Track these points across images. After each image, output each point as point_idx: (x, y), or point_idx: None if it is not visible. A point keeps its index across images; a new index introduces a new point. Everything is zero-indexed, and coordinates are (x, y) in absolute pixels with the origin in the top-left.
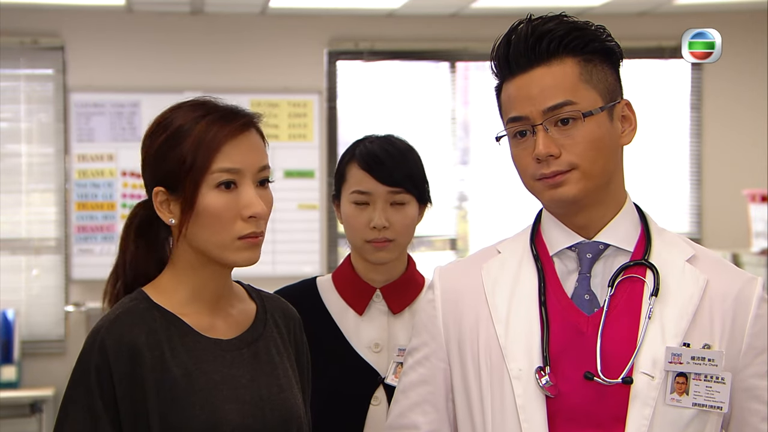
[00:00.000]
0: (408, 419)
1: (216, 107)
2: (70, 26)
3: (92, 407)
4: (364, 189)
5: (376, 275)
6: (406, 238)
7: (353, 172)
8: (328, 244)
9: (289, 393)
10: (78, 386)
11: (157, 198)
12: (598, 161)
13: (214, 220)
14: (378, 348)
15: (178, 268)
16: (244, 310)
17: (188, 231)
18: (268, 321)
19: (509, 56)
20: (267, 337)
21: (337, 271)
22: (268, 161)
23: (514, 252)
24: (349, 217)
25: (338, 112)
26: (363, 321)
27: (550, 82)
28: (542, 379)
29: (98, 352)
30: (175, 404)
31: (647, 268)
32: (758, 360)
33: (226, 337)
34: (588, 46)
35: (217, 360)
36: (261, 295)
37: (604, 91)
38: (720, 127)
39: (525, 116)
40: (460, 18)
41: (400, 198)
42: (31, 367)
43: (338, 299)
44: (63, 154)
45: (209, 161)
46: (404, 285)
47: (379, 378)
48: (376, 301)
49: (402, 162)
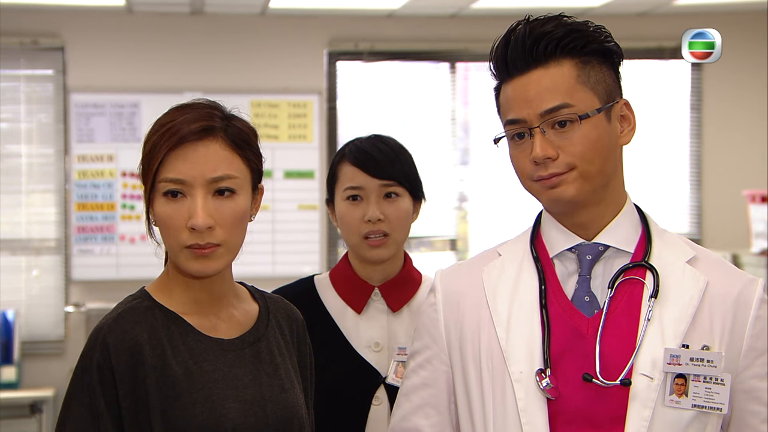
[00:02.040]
0: (410, 422)
1: (185, 113)
2: (70, 27)
3: (94, 405)
4: (356, 184)
5: (374, 273)
6: (402, 233)
7: (344, 170)
8: (328, 245)
9: (290, 393)
10: (80, 384)
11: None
12: (595, 162)
13: (163, 226)
14: (378, 347)
15: (171, 268)
16: (246, 311)
17: (154, 235)
18: (270, 322)
19: (507, 58)
20: (269, 337)
21: (335, 270)
22: (232, 171)
23: (515, 254)
24: (344, 215)
25: (338, 112)
26: (362, 320)
27: (547, 85)
28: (543, 381)
29: (100, 350)
30: (177, 402)
31: (647, 270)
32: (758, 361)
33: (227, 337)
34: (586, 48)
35: (218, 359)
36: (264, 296)
37: (602, 92)
38: (720, 127)
39: (522, 119)
40: (459, 18)
41: (393, 190)
42: (31, 367)
43: (336, 298)
44: (63, 154)
45: (156, 170)
46: (402, 282)
47: (380, 378)
48: (375, 300)
49: (393, 157)
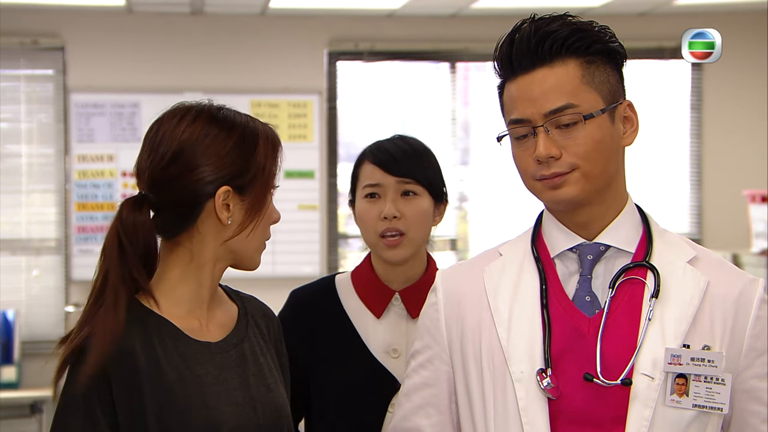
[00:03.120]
0: (411, 422)
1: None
2: (70, 27)
3: (91, 415)
4: (374, 182)
5: (395, 276)
6: (419, 233)
7: (364, 169)
8: (328, 245)
9: (276, 393)
10: (74, 394)
11: (221, 198)
12: (598, 162)
13: (268, 224)
14: (396, 354)
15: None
16: (228, 312)
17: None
18: (249, 322)
19: (512, 56)
20: (250, 338)
21: (357, 270)
22: None
23: (516, 254)
24: (362, 213)
25: (338, 112)
26: (381, 324)
27: (551, 84)
28: (543, 381)
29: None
30: (173, 408)
31: (648, 270)
32: (759, 361)
33: (214, 339)
34: (591, 48)
35: (208, 363)
36: (240, 296)
37: (606, 92)
38: (720, 127)
39: (526, 118)
40: (460, 18)
41: (411, 188)
42: (31, 367)
43: (356, 300)
44: (63, 154)
45: (276, 167)
46: (424, 287)
47: (397, 384)
48: (395, 305)
49: (412, 155)
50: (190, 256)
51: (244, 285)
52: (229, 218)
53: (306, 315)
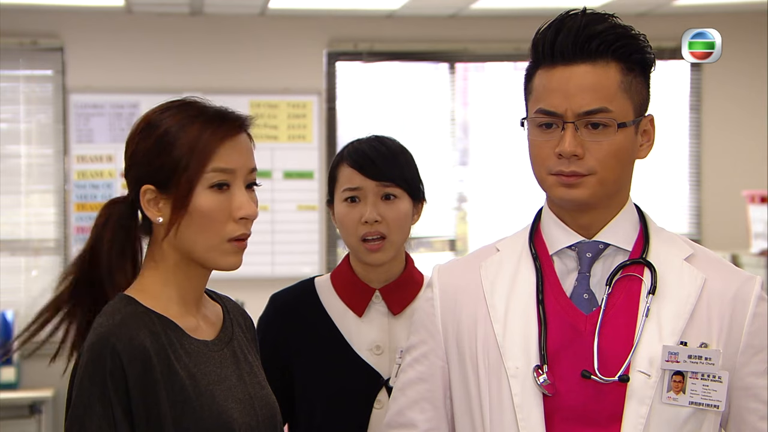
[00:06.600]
0: (406, 417)
1: (207, 108)
2: (69, 27)
3: (110, 415)
4: (353, 185)
5: (375, 275)
6: (400, 235)
7: (343, 172)
8: (328, 245)
9: (267, 389)
10: (92, 396)
11: (145, 196)
12: (615, 170)
13: (206, 220)
14: (379, 350)
15: (161, 269)
16: (214, 311)
17: (178, 231)
18: (233, 321)
19: (555, 44)
20: (237, 336)
21: (336, 272)
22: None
23: (513, 250)
24: (342, 217)
25: (337, 113)
26: (363, 323)
27: (590, 83)
28: (540, 377)
29: (110, 358)
30: (186, 407)
31: (645, 267)
32: (756, 359)
33: (208, 338)
34: (632, 56)
35: (209, 361)
36: (219, 296)
37: (638, 103)
38: (719, 127)
39: (559, 113)
40: (459, 19)
41: (391, 191)
42: (31, 368)
43: (337, 301)
44: (62, 155)
45: (205, 161)
46: (403, 285)
47: (382, 380)
48: (376, 302)
49: (391, 158)
50: (154, 256)
51: (243, 285)
52: (159, 217)
53: (288, 318)
